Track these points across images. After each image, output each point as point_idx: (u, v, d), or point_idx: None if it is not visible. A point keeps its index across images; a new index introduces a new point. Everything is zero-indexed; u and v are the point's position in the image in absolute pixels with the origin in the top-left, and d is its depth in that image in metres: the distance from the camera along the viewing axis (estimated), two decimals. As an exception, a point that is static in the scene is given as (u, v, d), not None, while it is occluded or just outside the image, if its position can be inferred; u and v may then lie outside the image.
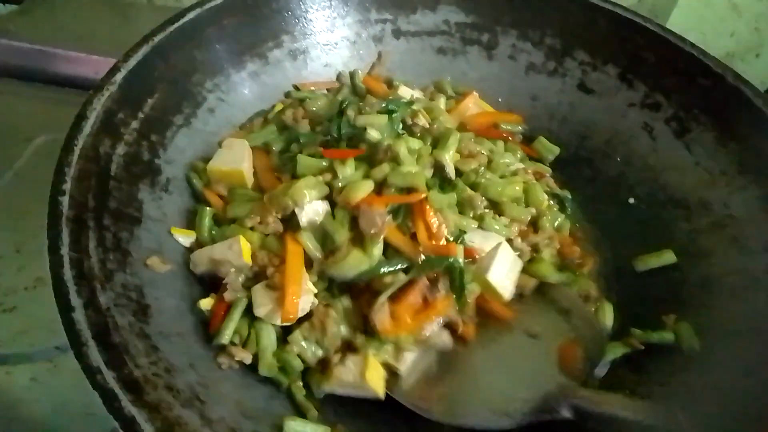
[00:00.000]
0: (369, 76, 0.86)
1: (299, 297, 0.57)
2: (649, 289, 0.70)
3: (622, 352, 0.64)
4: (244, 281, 0.61)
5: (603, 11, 0.82)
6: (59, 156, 0.55)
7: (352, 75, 0.85)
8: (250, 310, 0.59)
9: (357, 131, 0.66)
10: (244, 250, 0.61)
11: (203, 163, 0.69)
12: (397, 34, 0.88)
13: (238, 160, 0.68)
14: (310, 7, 0.83)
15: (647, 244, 0.72)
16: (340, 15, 0.85)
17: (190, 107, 0.72)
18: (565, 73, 0.85)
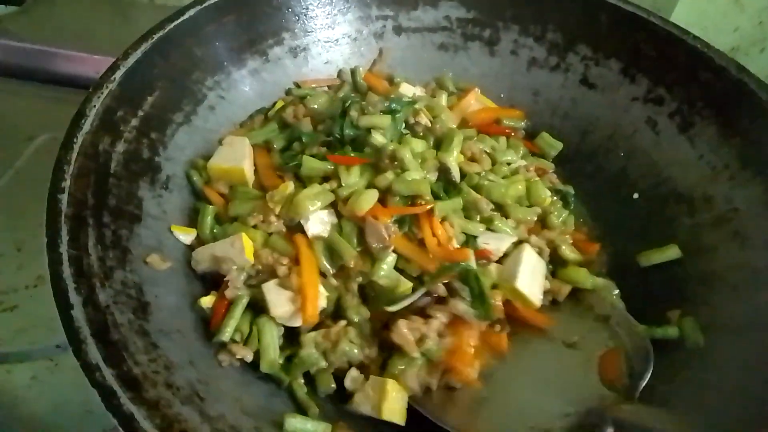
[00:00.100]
0: (370, 73, 0.86)
1: (318, 301, 0.58)
2: (652, 284, 0.69)
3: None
4: (245, 279, 0.61)
5: (605, 5, 0.81)
6: (58, 154, 0.55)
7: (354, 72, 0.84)
8: (251, 308, 0.59)
9: (360, 133, 0.66)
10: (247, 248, 0.61)
11: (203, 160, 0.69)
12: (398, 30, 0.88)
13: (239, 158, 0.67)
14: (311, 4, 0.83)
15: (650, 240, 0.71)
16: (341, 12, 0.85)
17: (191, 105, 0.72)
18: (568, 68, 0.85)
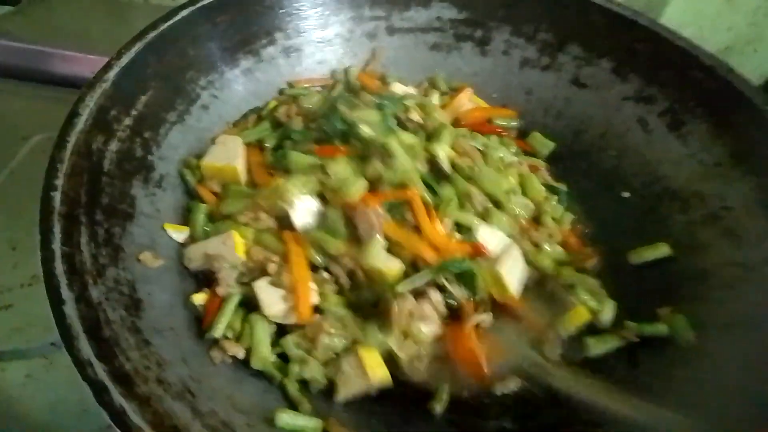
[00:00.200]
0: (363, 73, 0.86)
1: (310, 298, 0.58)
2: (644, 282, 0.70)
3: (617, 344, 0.64)
4: (237, 276, 0.61)
5: (596, 6, 0.81)
6: (52, 152, 0.56)
7: (346, 72, 0.85)
8: (244, 305, 0.60)
9: (349, 127, 0.66)
10: (238, 246, 0.61)
11: (197, 159, 0.70)
12: (391, 30, 0.88)
13: (232, 157, 0.68)
14: (303, 5, 0.83)
15: (643, 237, 0.72)
16: (334, 12, 0.85)
17: (184, 104, 0.72)
18: (559, 68, 0.85)
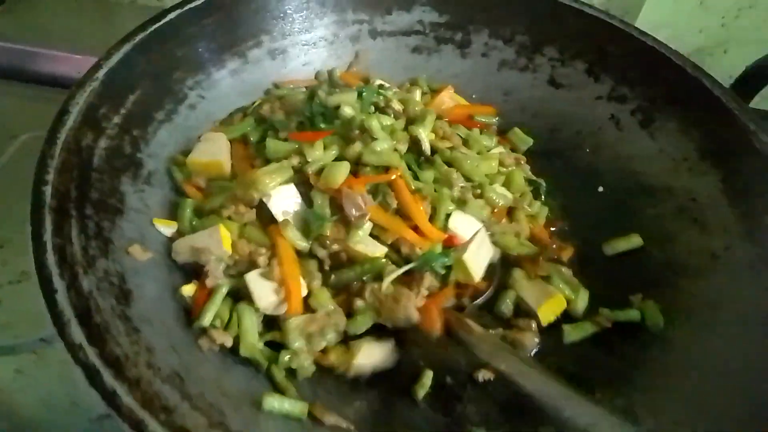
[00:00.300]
0: (347, 74, 0.89)
1: (300, 291, 0.60)
2: (616, 271, 0.72)
3: (592, 330, 0.66)
4: (225, 269, 0.63)
5: (570, 9, 0.85)
6: (42, 148, 0.57)
7: (330, 73, 0.87)
8: (231, 295, 0.61)
9: (329, 110, 0.68)
10: (224, 239, 0.63)
11: (184, 156, 0.71)
12: (374, 34, 0.91)
13: (217, 152, 0.70)
14: (288, 8, 0.85)
15: (615, 230, 0.74)
16: (318, 16, 0.88)
17: (172, 103, 0.74)
18: (536, 69, 0.88)
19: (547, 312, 0.67)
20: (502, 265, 0.72)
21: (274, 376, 0.59)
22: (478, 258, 0.67)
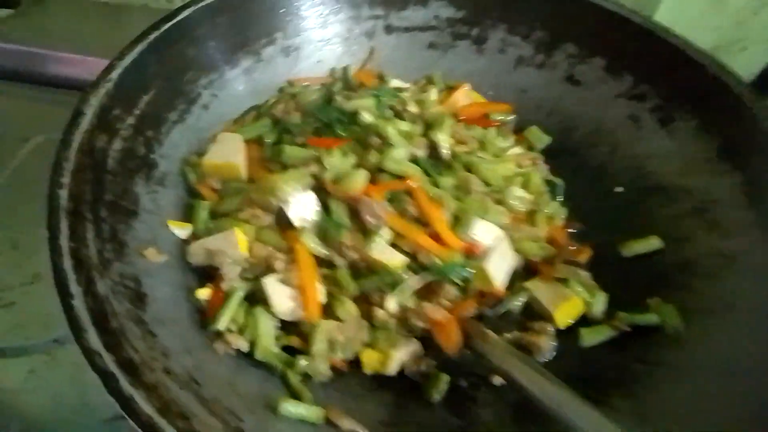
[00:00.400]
0: (361, 71, 0.88)
1: (318, 299, 0.60)
2: (633, 274, 0.71)
3: (609, 334, 0.65)
4: (240, 272, 0.62)
5: (590, 4, 0.83)
6: (57, 151, 0.57)
7: (344, 70, 0.86)
8: (247, 298, 0.61)
9: (348, 116, 0.67)
10: (240, 242, 0.62)
11: (197, 157, 0.71)
12: (389, 29, 0.89)
13: (233, 154, 0.69)
14: (303, 5, 0.84)
15: (631, 231, 0.73)
16: (333, 12, 0.87)
17: (185, 104, 0.73)
18: (554, 66, 0.87)
19: (564, 315, 0.67)
20: (524, 271, 0.71)
21: (288, 380, 0.58)
22: (500, 266, 0.66)
